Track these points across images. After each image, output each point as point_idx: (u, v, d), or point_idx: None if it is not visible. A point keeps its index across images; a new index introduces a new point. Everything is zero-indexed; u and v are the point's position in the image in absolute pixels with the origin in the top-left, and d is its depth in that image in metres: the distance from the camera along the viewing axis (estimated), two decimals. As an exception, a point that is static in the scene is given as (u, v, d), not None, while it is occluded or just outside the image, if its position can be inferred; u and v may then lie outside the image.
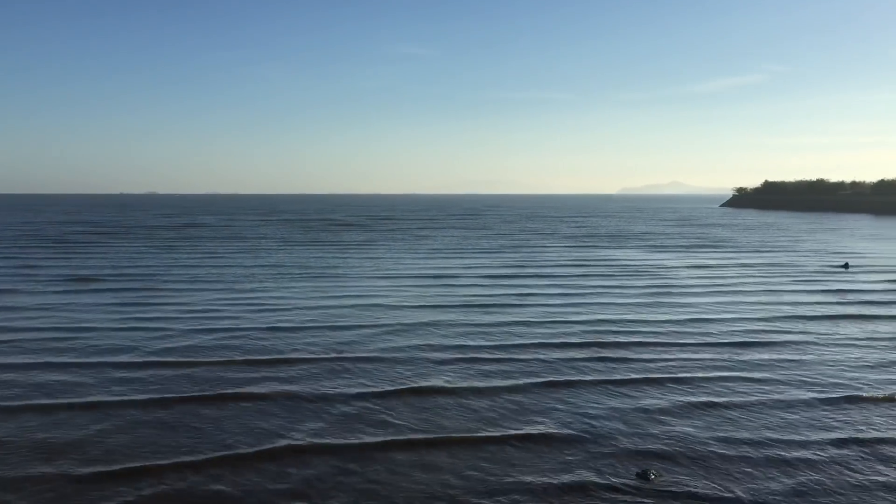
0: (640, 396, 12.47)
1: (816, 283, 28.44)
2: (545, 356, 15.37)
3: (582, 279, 29.65)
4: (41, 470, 9.26)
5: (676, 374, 13.96)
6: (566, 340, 16.98)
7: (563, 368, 14.35)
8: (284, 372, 14.13)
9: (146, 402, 12.16)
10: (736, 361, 14.99)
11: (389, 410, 11.73)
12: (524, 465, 9.49)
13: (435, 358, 15.24)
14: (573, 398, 12.37)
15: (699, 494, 8.56)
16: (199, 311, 21.16)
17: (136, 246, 47.44)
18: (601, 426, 10.93)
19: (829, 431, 10.72)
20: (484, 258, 39.88)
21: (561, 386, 13.09)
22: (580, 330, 18.26)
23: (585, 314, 20.65)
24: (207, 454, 9.83)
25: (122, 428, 10.89)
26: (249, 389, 12.86)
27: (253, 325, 18.93)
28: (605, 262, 37.82)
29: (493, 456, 9.80)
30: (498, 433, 10.64)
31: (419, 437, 10.52)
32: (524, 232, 68.03)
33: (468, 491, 8.71)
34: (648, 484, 8.93)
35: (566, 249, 46.44)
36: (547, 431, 10.71)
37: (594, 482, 8.92)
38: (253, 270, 32.53)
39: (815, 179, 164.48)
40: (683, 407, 11.88)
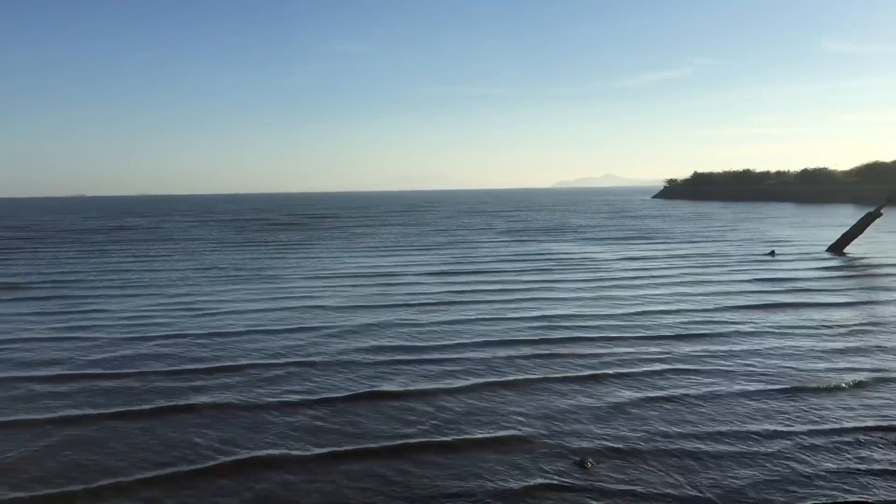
0: (583, 393, 12.49)
1: (747, 272, 29.23)
2: (491, 355, 15.28)
3: (521, 274, 29.81)
4: (-38, 498, 8.70)
5: (618, 369, 14.04)
6: (511, 338, 16.94)
7: (508, 368, 14.28)
8: (225, 381, 13.63)
9: (74, 419, 11.51)
10: (676, 354, 15.18)
11: (340, 419, 11.40)
12: (475, 470, 9.35)
13: (382, 361, 14.97)
14: (520, 398, 12.30)
15: (634, 483, 8.62)
16: (131, 318, 20.41)
17: (62, 250, 45.70)
18: (549, 426, 10.87)
19: (767, 422, 10.91)
20: (423, 255, 39.76)
21: (508, 386, 12.99)
22: (524, 327, 18.28)
23: (527, 310, 20.70)
24: (142, 474, 9.32)
25: (47, 449, 10.25)
26: (188, 401, 12.34)
27: (189, 331, 18.35)
28: (542, 256, 38.12)
29: (442, 462, 9.62)
30: (449, 438, 10.44)
31: (371, 445, 10.19)
32: (461, 228, 68.20)
33: (414, 500, 8.56)
34: (586, 473, 9.01)
35: (503, 244, 46.66)
36: (498, 435, 10.56)
37: (539, 483, 8.82)
38: (187, 273, 31.67)
39: (741, 170, 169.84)
40: (626, 402, 11.94)
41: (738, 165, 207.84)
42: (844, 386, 12.66)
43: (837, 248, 38.63)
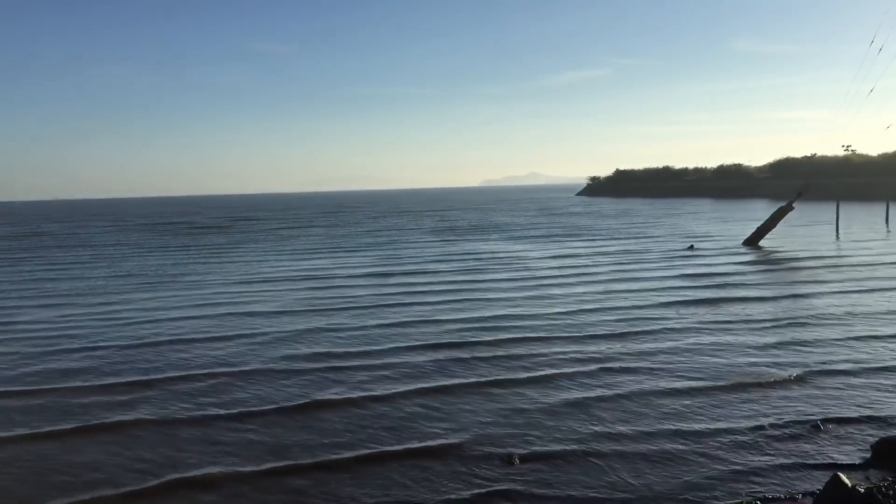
0: (517, 396, 12.50)
1: (672, 268, 30.00)
2: (423, 359, 15.16)
3: (451, 275, 29.86)
4: None
5: (550, 370, 14.10)
6: (443, 341, 16.84)
7: (440, 373, 14.20)
8: (157, 394, 13.10)
9: (-9, 441, 10.84)
10: (607, 353, 15.35)
11: (270, 433, 11.02)
12: (403, 481, 9.24)
13: (315, 368, 14.68)
14: (453, 403, 12.23)
15: (560, 485, 8.70)
16: (48, 329, 19.54)
17: (-30, 260, 43.55)
18: (482, 431, 10.83)
19: (696, 420, 11.13)
20: (352, 257, 39.46)
21: (442, 392, 12.85)
22: (455, 329, 18.22)
23: (458, 312, 20.69)
24: (58, 500, 8.81)
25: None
26: (117, 417, 11.81)
27: (115, 342, 17.65)
28: (471, 255, 38.30)
29: (372, 475, 9.44)
30: (380, 449, 10.22)
31: (304, 461, 9.83)
32: (389, 228, 68.07)
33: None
34: (512, 475, 9.12)
35: (432, 244, 46.76)
36: (427, 445, 10.42)
37: (465, 494, 8.76)
38: (108, 281, 30.59)
39: (661, 167, 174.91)
40: (559, 403, 12.01)
41: (658, 162, 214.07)
42: (773, 381, 12.93)
43: (753, 241, 40.14)
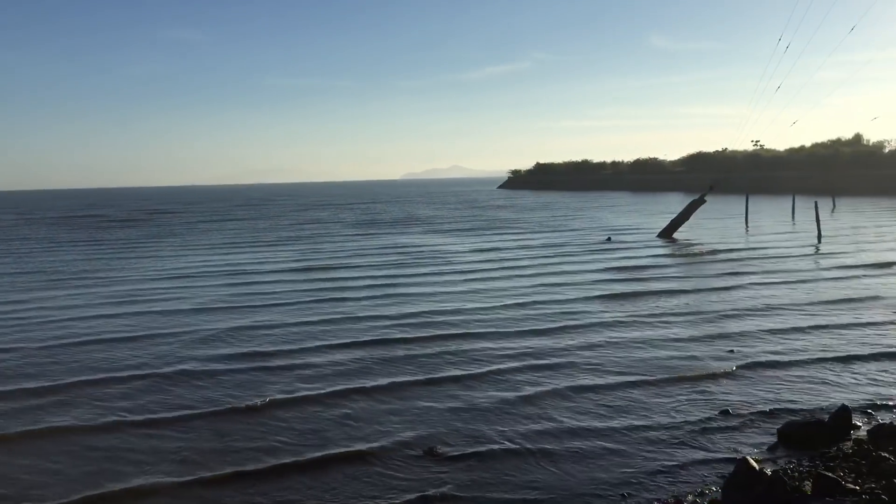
0: (446, 394, 12.55)
1: (593, 261, 30.65)
2: (349, 357, 15.01)
3: (375, 269, 29.73)
4: None
5: (479, 367, 14.16)
6: (369, 338, 16.69)
7: (367, 372, 14.07)
8: (73, 399, 12.49)
9: None
10: (536, 349, 15.46)
11: (202, 439, 10.64)
12: (334, 485, 9.16)
13: (245, 369, 14.30)
14: (384, 402, 12.17)
15: (485, 486, 8.74)
16: (-48, 332, 18.52)
17: None
18: (408, 432, 10.82)
19: (622, 416, 11.37)
20: (273, 251, 38.85)
21: (373, 392, 12.74)
22: (382, 325, 18.08)
23: (384, 308, 20.53)
24: None
25: None
26: (36, 426, 11.20)
27: (26, 343, 16.81)
28: (395, 249, 38.23)
29: (305, 482, 9.30)
30: (311, 456, 9.96)
31: (242, 468, 9.50)
32: (310, 221, 67.37)
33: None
34: (436, 468, 9.29)
35: (354, 238, 46.48)
36: (358, 448, 10.30)
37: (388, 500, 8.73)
38: (15, 278, 29.19)
39: (580, 160, 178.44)
40: (486, 400, 12.09)
41: (577, 156, 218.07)
42: (694, 375, 13.20)
43: (667, 233, 41.52)
